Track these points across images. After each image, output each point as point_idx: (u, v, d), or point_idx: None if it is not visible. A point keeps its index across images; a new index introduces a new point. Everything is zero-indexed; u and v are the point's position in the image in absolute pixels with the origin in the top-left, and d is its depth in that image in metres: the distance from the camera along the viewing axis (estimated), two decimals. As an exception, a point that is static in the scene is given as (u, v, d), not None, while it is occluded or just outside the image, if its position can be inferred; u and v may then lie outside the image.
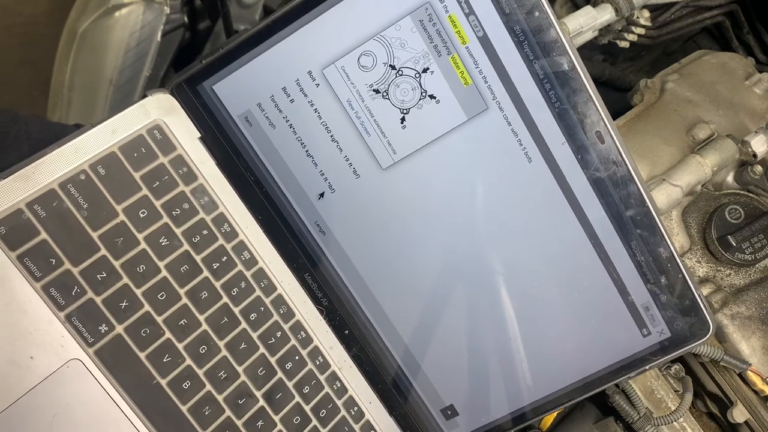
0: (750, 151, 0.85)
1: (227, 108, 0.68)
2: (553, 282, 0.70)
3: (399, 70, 0.64)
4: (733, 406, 0.84)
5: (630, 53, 1.22)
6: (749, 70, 0.99)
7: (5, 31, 0.89)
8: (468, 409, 0.77)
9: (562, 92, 0.62)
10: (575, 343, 0.72)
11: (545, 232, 0.68)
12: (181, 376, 0.64)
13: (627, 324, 0.70)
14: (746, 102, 0.95)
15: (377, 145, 0.68)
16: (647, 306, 0.69)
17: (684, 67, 1.00)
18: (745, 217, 0.84)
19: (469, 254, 0.71)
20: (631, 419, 0.79)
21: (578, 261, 0.69)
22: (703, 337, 0.68)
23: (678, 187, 0.83)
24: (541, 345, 0.73)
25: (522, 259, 0.70)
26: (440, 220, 0.70)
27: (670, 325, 0.69)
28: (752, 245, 0.83)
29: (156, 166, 0.65)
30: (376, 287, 0.75)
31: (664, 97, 0.95)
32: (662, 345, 0.70)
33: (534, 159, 0.65)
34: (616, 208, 0.66)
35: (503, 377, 0.75)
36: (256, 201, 0.71)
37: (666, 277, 0.67)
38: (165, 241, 0.65)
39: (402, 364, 0.77)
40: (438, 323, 0.75)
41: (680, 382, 0.84)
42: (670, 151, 0.88)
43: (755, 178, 0.86)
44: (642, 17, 0.98)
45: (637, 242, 0.67)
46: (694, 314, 0.68)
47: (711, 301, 0.82)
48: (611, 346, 0.72)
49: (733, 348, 0.83)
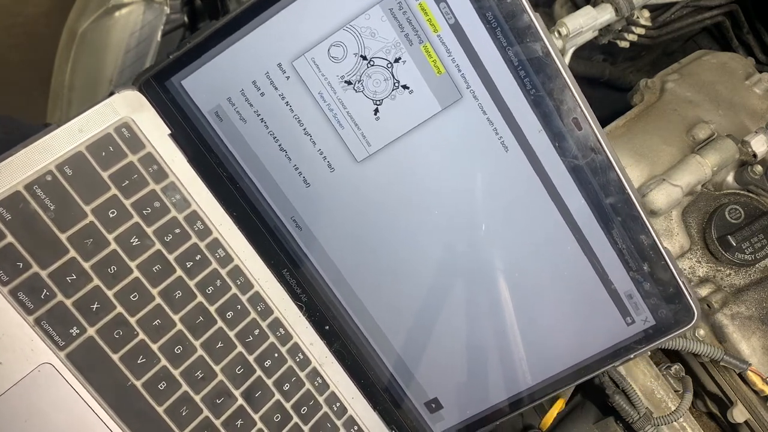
0: (750, 151, 0.82)
1: (197, 103, 0.64)
2: (534, 272, 0.67)
3: (370, 61, 0.59)
4: (733, 406, 0.81)
5: (630, 53, 1.20)
6: (749, 70, 0.97)
7: (5, 32, 0.86)
8: (452, 402, 0.74)
9: (537, 79, 0.58)
10: (558, 333, 0.69)
11: (525, 221, 0.65)
12: (157, 376, 0.60)
13: (610, 312, 0.66)
14: (746, 102, 0.93)
15: (351, 137, 0.63)
16: (630, 294, 0.65)
17: (684, 67, 0.98)
18: (745, 217, 0.82)
19: (449, 245, 0.67)
20: (631, 419, 0.76)
21: (559, 250, 0.65)
22: (687, 323, 0.64)
23: (678, 187, 0.80)
24: (524, 335, 0.69)
25: (502, 249, 0.66)
26: (418, 212, 0.66)
27: (654, 313, 0.65)
28: (752, 245, 0.80)
29: (125, 165, 0.60)
30: (355, 282, 0.70)
31: (664, 97, 0.93)
32: (647, 333, 0.67)
33: (511, 148, 0.61)
34: (595, 196, 0.62)
35: (487, 369, 0.71)
36: (230, 197, 0.67)
37: (648, 264, 0.63)
38: (136, 240, 0.60)
39: (384, 359, 0.73)
40: (419, 316, 0.70)
41: (680, 382, 0.81)
42: (670, 151, 0.86)
43: (755, 178, 0.83)
44: (642, 17, 0.96)
45: (618, 230, 0.63)
46: (678, 301, 0.64)
47: (711, 301, 0.79)
48: (595, 335, 0.68)
49: (733, 348, 0.79)
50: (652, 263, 0.63)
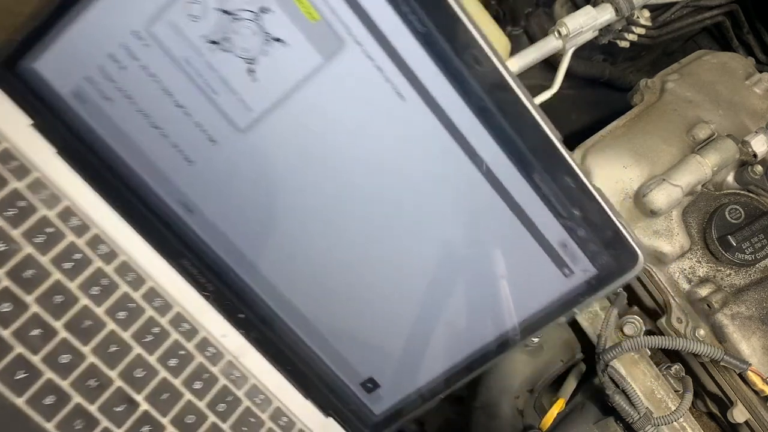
0: (750, 151, 0.82)
1: (54, 87, 0.59)
2: (457, 230, 0.62)
3: (233, 14, 0.54)
4: (733, 406, 0.81)
5: (630, 53, 1.19)
6: (749, 70, 0.97)
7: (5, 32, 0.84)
8: (390, 379, 0.70)
9: (424, 13, 0.51)
10: (493, 293, 0.64)
11: (436, 176, 0.59)
12: (44, 388, 0.56)
13: (545, 266, 0.61)
14: (746, 102, 0.93)
15: (229, 104, 0.57)
16: (564, 243, 0.60)
17: (684, 67, 0.97)
18: (745, 217, 0.82)
19: (359, 210, 0.62)
20: (631, 419, 0.75)
21: (478, 204, 0.60)
22: (631, 269, 0.59)
23: (678, 187, 0.80)
24: (457, 300, 0.64)
25: (418, 209, 0.61)
26: (318, 175, 0.60)
27: (594, 262, 0.60)
28: (752, 245, 0.80)
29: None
30: (263, 262, 0.65)
31: (664, 97, 0.92)
32: (589, 283, 0.61)
33: (407, 96, 0.55)
34: (509, 140, 0.56)
35: (421, 342, 0.67)
36: (109, 186, 0.62)
37: (580, 209, 0.58)
38: (2, 245, 0.56)
39: (309, 342, 0.68)
40: (339, 291, 0.66)
41: (680, 382, 0.81)
42: (670, 151, 0.86)
43: (755, 178, 0.83)
44: (642, 17, 0.97)
45: (540, 175, 0.57)
46: (619, 246, 0.58)
47: (711, 301, 0.79)
48: (533, 291, 0.63)
49: (734, 348, 0.78)
50: (583, 207, 0.57)
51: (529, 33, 1.12)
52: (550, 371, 0.85)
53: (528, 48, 0.84)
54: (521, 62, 0.82)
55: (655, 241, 0.80)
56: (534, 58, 0.83)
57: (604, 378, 0.75)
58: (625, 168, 0.83)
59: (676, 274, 0.81)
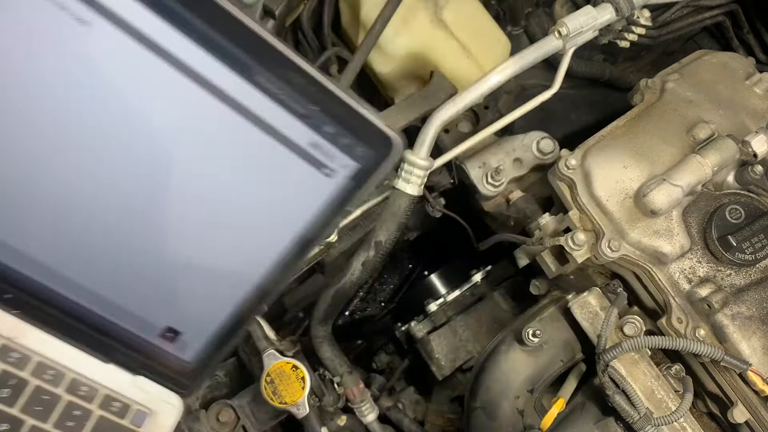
0: (750, 151, 0.82)
1: None
2: (203, 156, 0.59)
3: None
4: (733, 406, 0.81)
5: (630, 53, 1.20)
6: (749, 70, 0.97)
7: None
8: (188, 323, 0.67)
9: None
10: (259, 209, 0.63)
11: (163, 103, 0.56)
12: None
13: (304, 170, 0.60)
14: (746, 102, 0.93)
15: None
16: (315, 143, 0.59)
17: (684, 67, 0.97)
18: (745, 217, 0.82)
19: (95, 155, 0.58)
20: (631, 419, 0.75)
21: (213, 123, 0.57)
22: (389, 154, 0.59)
23: (678, 187, 0.80)
24: (231, 229, 0.63)
25: (157, 142, 0.58)
26: (45, 128, 0.56)
27: (351, 155, 0.59)
28: (752, 245, 0.80)
29: None
30: (16, 235, 0.61)
31: (664, 97, 0.92)
32: (354, 178, 0.61)
33: (88, 19, 0.51)
34: (215, 43, 0.53)
35: (204, 279, 0.65)
36: None
37: (318, 104, 0.56)
38: None
39: (91, 306, 0.65)
40: (110, 250, 0.63)
41: (680, 382, 0.81)
42: (670, 151, 0.86)
43: (756, 178, 0.83)
44: (642, 17, 0.94)
45: (263, 76, 0.55)
46: (370, 133, 0.58)
47: (711, 301, 0.78)
48: (302, 200, 0.62)
49: (734, 348, 0.78)
50: (320, 102, 0.55)
51: (529, 33, 1.13)
52: (551, 371, 0.85)
53: (528, 48, 0.83)
54: (521, 62, 0.82)
55: (656, 241, 0.80)
56: (534, 58, 0.83)
57: (605, 378, 0.75)
58: (625, 168, 0.83)
59: (677, 274, 0.81)
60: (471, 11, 1.03)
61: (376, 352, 1.22)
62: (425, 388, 1.12)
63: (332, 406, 0.86)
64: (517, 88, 1.08)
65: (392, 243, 0.83)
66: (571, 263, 0.83)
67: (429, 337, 1.05)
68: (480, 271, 1.10)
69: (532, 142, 0.94)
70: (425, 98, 0.91)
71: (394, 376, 1.13)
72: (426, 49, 0.99)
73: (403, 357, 1.17)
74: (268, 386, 0.78)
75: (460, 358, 1.05)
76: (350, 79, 0.86)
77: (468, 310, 1.07)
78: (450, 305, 1.08)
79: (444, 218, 0.99)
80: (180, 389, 0.70)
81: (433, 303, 1.08)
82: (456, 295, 1.08)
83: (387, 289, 1.39)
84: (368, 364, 1.20)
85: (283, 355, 0.80)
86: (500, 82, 0.82)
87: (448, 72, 0.96)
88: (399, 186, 0.81)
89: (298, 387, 0.79)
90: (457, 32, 0.99)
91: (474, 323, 1.06)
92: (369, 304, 1.37)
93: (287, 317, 1.11)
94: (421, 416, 1.07)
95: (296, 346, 0.84)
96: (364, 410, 0.87)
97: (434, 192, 0.98)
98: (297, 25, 1.03)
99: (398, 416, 1.00)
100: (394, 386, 1.12)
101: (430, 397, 1.10)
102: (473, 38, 1.01)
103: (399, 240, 0.90)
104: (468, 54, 1.00)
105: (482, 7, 1.04)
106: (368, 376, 1.04)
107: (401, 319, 1.13)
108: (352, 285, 0.86)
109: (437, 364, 1.04)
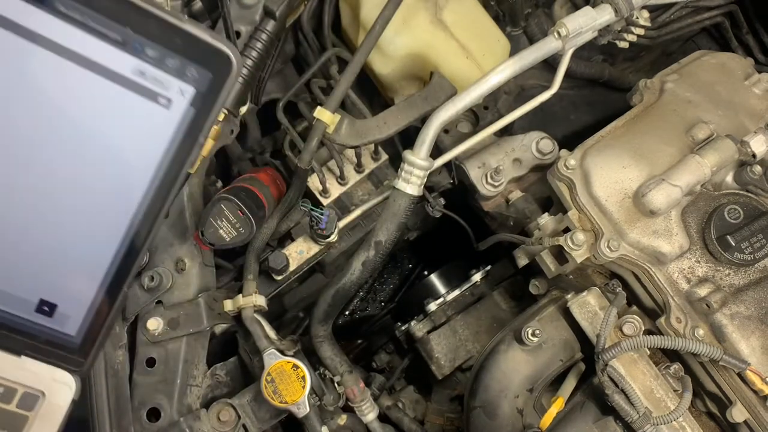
0: (749, 151, 0.82)
1: None
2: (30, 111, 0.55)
3: None
4: (732, 406, 0.80)
5: (629, 53, 1.20)
6: (748, 70, 0.97)
7: None
8: (62, 294, 0.65)
9: None
10: (110, 157, 0.58)
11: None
12: None
13: (139, 105, 0.55)
14: (745, 102, 0.92)
15: None
16: (140, 70, 0.54)
17: (683, 67, 0.97)
18: (744, 217, 0.81)
19: None
20: (630, 418, 0.75)
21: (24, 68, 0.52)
22: (229, 72, 0.54)
23: (677, 187, 0.80)
24: (79, 182, 0.59)
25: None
26: None
27: (185, 77, 0.55)
28: (751, 245, 0.80)
29: None
30: None
31: (663, 97, 0.92)
32: (198, 105, 0.56)
33: None
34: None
35: (66, 244, 0.62)
36: None
37: (129, 24, 0.51)
38: None
39: None
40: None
41: (679, 382, 0.81)
42: (669, 151, 0.85)
43: (755, 178, 0.83)
44: (641, 18, 0.95)
45: (60, 2, 0.50)
46: (201, 50, 0.53)
47: (710, 301, 0.78)
48: (147, 137, 0.58)
49: (733, 348, 0.78)
50: (132, 22, 0.50)
51: (528, 33, 1.13)
52: (550, 370, 0.85)
53: (527, 48, 0.83)
54: (521, 63, 0.82)
55: (655, 241, 0.80)
56: (533, 59, 0.82)
57: (604, 377, 0.75)
58: (624, 168, 0.83)
59: (675, 274, 0.81)
60: (471, 12, 1.03)
61: (376, 351, 1.22)
62: (425, 387, 1.12)
63: (332, 405, 0.86)
64: (517, 88, 1.08)
65: (392, 243, 0.83)
66: (571, 263, 0.83)
67: (429, 337, 1.05)
68: (479, 271, 1.10)
69: (531, 143, 0.95)
70: (425, 99, 0.92)
71: (394, 375, 1.14)
72: (426, 49, 0.99)
73: (402, 356, 1.17)
74: (269, 385, 0.78)
75: (460, 357, 1.05)
76: (350, 80, 0.86)
77: (467, 309, 1.07)
78: (450, 305, 1.08)
79: (444, 218, 0.99)
80: (71, 366, 0.67)
81: (432, 303, 1.08)
82: (456, 294, 1.08)
83: (387, 288, 1.39)
84: (368, 364, 1.20)
85: (284, 355, 0.81)
86: (500, 82, 0.82)
87: (448, 72, 0.96)
88: (399, 186, 0.82)
89: (299, 386, 0.79)
90: (457, 33, 0.99)
91: (473, 323, 1.06)
92: (369, 303, 1.37)
93: (287, 317, 1.12)
94: (421, 415, 1.08)
95: (296, 345, 0.84)
96: (364, 409, 0.87)
97: (434, 192, 0.98)
98: (297, 25, 1.03)
99: (398, 415, 1.01)
100: (394, 385, 1.13)
101: (430, 397, 1.10)
102: (473, 39, 1.00)
103: (399, 240, 0.90)
104: (468, 54, 1.00)
105: (482, 8, 1.03)
106: (368, 375, 1.04)
107: (401, 319, 1.13)
108: (352, 285, 0.86)
109: (437, 363, 1.04)
